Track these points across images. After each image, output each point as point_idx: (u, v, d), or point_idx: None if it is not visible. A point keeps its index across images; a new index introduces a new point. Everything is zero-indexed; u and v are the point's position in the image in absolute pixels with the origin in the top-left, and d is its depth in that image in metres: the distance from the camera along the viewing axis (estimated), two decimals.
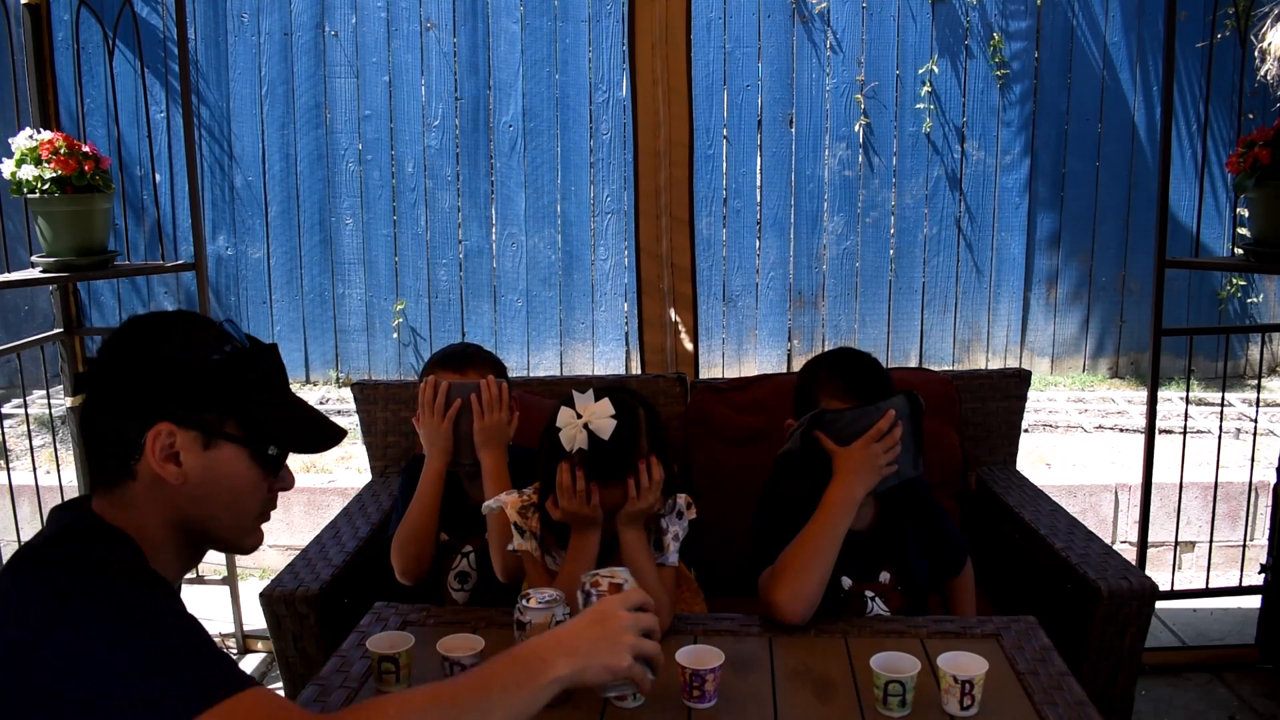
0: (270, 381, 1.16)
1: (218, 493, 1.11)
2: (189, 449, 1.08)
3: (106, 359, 1.11)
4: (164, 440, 1.07)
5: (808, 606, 1.59)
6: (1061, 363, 5.27)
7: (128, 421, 1.08)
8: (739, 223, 5.07)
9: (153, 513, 1.09)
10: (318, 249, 5.11)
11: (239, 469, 1.12)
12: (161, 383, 1.08)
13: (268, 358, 1.16)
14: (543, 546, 1.66)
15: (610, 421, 1.49)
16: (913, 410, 1.70)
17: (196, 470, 1.09)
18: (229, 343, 1.12)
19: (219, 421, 1.10)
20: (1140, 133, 5.02)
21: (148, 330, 1.12)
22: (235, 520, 1.15)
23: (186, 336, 1.11)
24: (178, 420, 1.08)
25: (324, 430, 1.20)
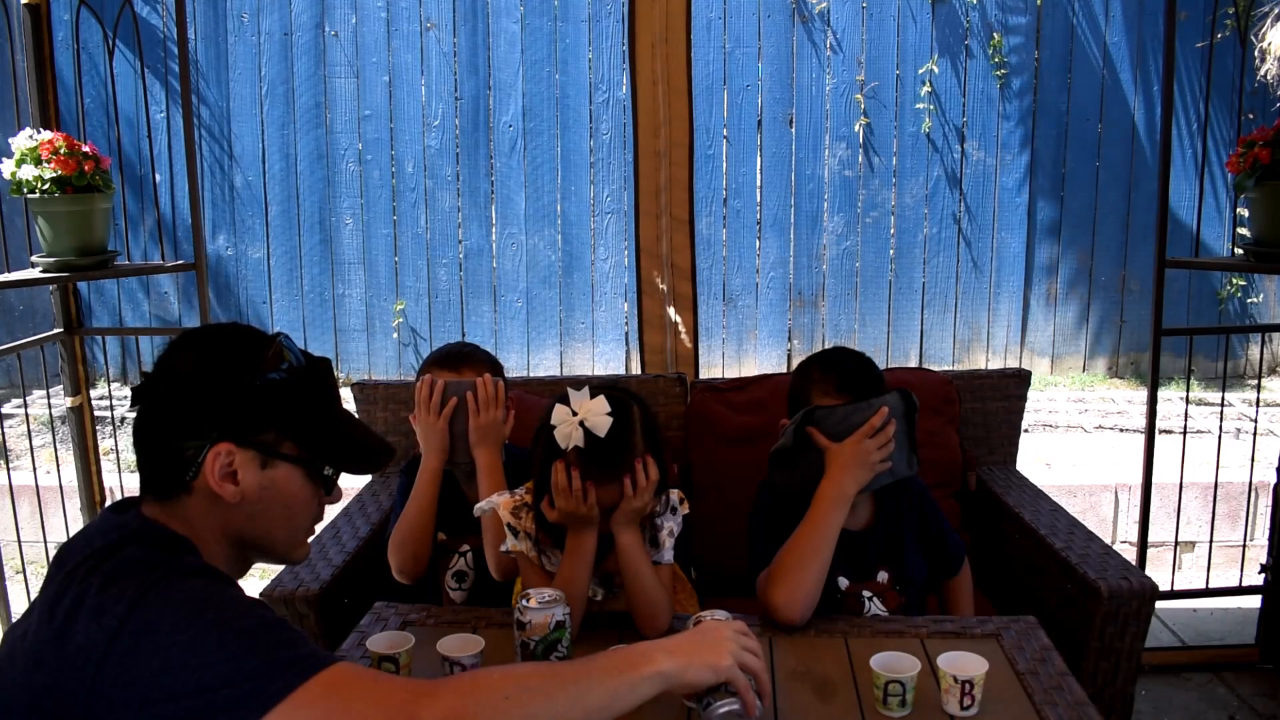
0: (324, 399, 1.19)
1: (272, 510, 1.13)
2: (247, 468, 1.09)
3: (165, 374, 1.11)
4: (223, 460, 1.08)
5: (806, 606, 1.59)
6: (1061, 362, 5.27)
7: (187, 439, 1.08)
8: (739, 223, 5.07)
9: (207, 525, 1.10)
10: (318, 249, 5.11)
11: (294, 488, 1.14)
12: (223, 403, 1.09)
13: (323, 375, 1.19)
14: (537, 547, 1.65)
15: (606, 419, 1.49)
16: (906, 408, 1.70)
17: (253, 489, 1.10)
18: (285, 360, 1.13)
19: (277, 441, 1.12)
20: (1140, 132, 5.02)
21: (207, 347, 1.13)
22: (288, 535, 1.17)
23: (246, 355, 1.11)
24: (237, 440, 1.09)
25: (377, 449, 1.22)
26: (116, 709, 0.93)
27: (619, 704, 1.09)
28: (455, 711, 0.98)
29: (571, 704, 1.04)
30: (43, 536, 2.98)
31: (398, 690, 0.99)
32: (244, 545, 1.15)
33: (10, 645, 1.01)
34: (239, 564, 1.17)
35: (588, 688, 1.06)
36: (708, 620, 1.29)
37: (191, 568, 1.02)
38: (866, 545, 1.77)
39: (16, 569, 3.08)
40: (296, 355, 1.15)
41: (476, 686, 1.02)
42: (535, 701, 1.02)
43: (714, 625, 1.23)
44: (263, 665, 0.94)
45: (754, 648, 1.21)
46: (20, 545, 2.80)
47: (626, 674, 1.09)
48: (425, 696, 0.99)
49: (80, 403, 2.85)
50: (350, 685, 0.97)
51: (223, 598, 1.00)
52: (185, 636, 0.94)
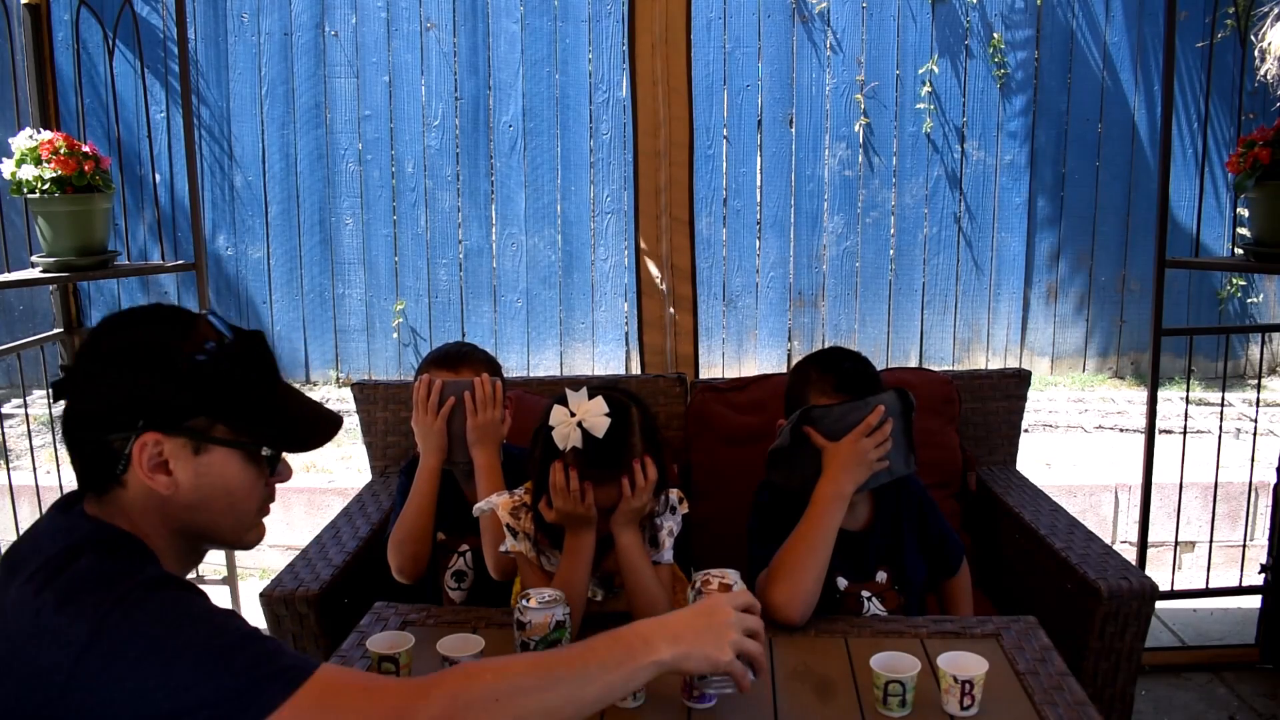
0: (259, 376, 1.11)
1: (213, 498, 1.06)
2: (178, 457, 1.03)
3: (84, 365, 1.05)
4: (151, 451, 1.02)
5: (805, 605, 1.59)
6: (1061, 363, 5.27)
7: (111, 432, 1.02)
8: (739, 223, 5.07)
9: (148, 520, 1.05)
10: (318, 249, 5.11)
11: (232, 472, 1.07)
12: (144, 391, 1.02)
13: (255, 349, 1.10)
14: (536, 547, 1.65)
15: (604, 419, 1.49)
16: (904, 407, 1.70)
17: (188, 478, 1.04)
18: (212, 339, 1.05)
19: (208, 425, 1.05)
20: (1140, 132, 5.02)
21: (125, 332, 1.06)
22: (235, 521, 1.11)
23: (167, 337, 1.04)
24: (165, 428, 1.02)
25: (320, 423, 1.14)
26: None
27: (615, 694, 1.08)
28: (447, 711, 0.97)
29: (565, 701, 1.03)
30: None
31: (388, 695, 0.97)
32: (191, 536, 1.09)
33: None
34: (190, 554, 1.12)
35: (584, 683, 1.04)
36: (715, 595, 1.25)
37: (153, 580, 0.97)
38: (865, 545, 1.77)
39: None
40: (225, 332, 1.07)
41: (469, 685, 1.00)
42: (528, 700, 1.00)
43: (718, 606, 1.18)
44: (242, 684, 0.91)
45: (755, 627, 1.18)
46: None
47: (625, 665, 1.08)
48: (417, 699, 0.97)
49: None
50: (339, 695, 0.95)
51: (193, 613, 0.95)
52: (157, 659, 0.90)
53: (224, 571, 2.92)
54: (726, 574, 1.41)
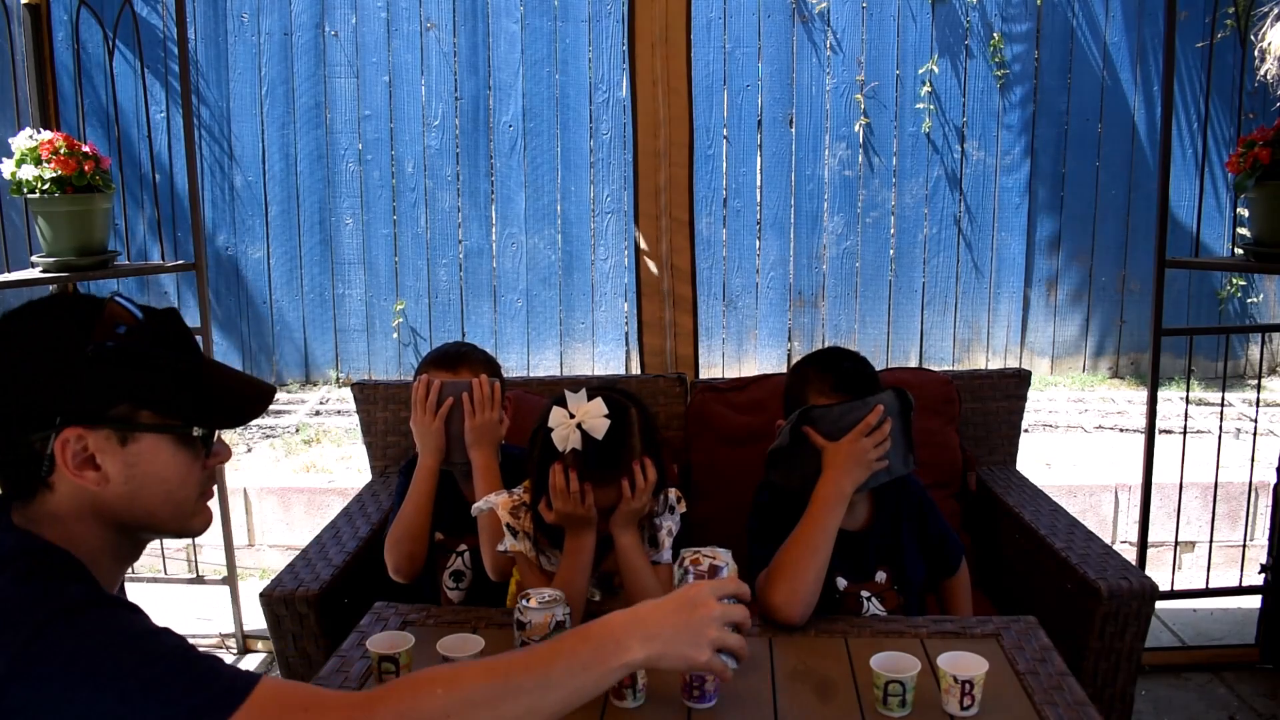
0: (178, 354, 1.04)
1: (148, 487, 1.01)
2: (105, 450, 0.98)
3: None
4: (74, 447, 0.96)
5: (805, 605, 1.59)
6: (1061, 363, 5.27)
7: (31, 432, 0.96)
8: (739, 223, 5.07)
9: (81, 522, 0.99)
10: (318, 249, 5.11)
11: (165, 458, 1.01)
12: (56, 385, 0.96)
13: (169, 327, 1.04)
14: (536, 547, 1.65)
15: (604, 421, 1.49)
16: (902, 407, 1.70)
17: (118, 471, 0.98)
18: (121, 322, 0.99)
19: (130, 413, 0.99)
20: (1140, 132, 5.02)
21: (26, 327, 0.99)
22: (174, 510, 1.05)
23: (72, 326, 0.98)
24: (85, 422, 0.97)
25: (249, 395, 1.09)
26: None
27: (582, 698, 1.01)
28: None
29: (526, 711, 0.97)
30: None
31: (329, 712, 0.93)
32: (129, 530, 1.03)
33: None
34: (129, 552, 1.07)
35: (545, 690, 0.98)
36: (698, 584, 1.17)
37: (76, 603, 0.90)
38: (865, 545, 1.77)
39: None
40: (136, 313, 1.01)
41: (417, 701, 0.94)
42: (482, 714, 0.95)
43: (699, 598, 1.11)
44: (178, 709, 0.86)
45: (739, 618, 1.12)
46: None
47: (593, 668, 1.02)
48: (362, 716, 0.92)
49: None
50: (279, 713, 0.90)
51: (120, 638, 0.89)
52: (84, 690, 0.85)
53: (224, 572, 2.92)
54: (717, 553, 1.36)
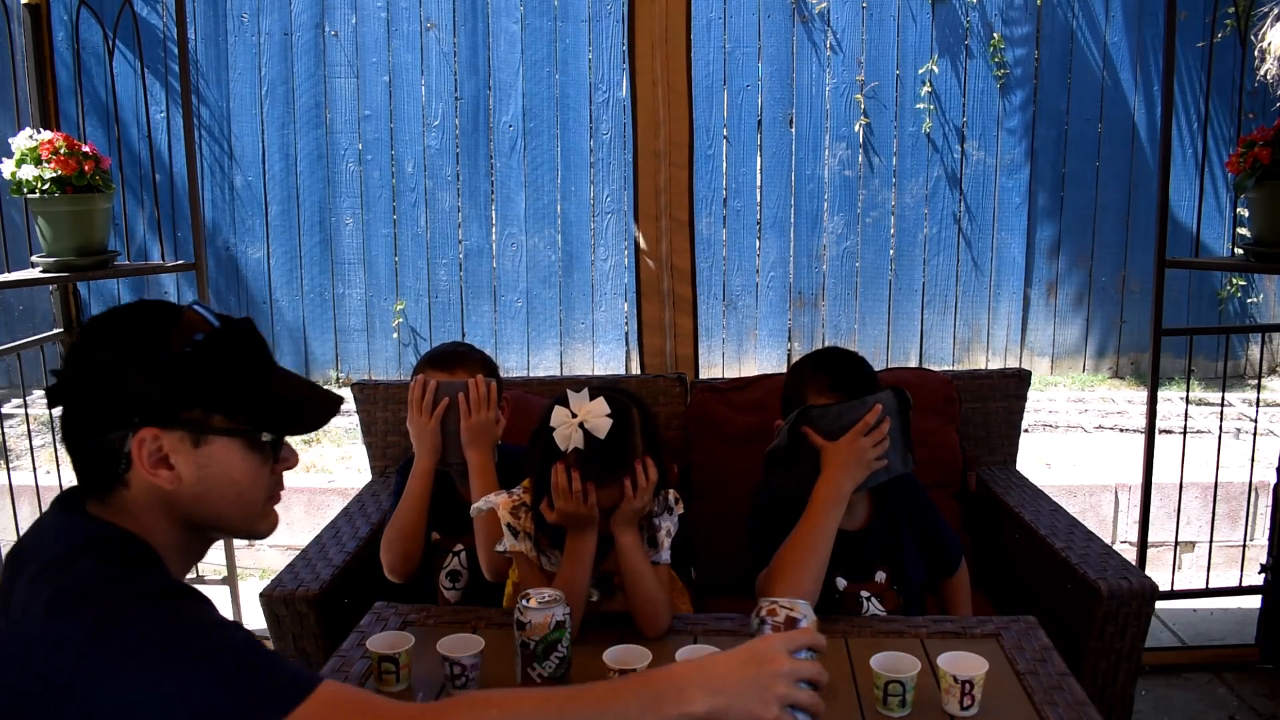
0: (250, 362, 1.09)
1: (218, 489, 1.06)
2: (178, 450, 1.03)
3: (74, 369, 1.04)
4: (150, 447, 1.02)
5: None
6: (1061, 363, 5.27)
7: (109, 432, 1.02)
8: (739, 223, 5.07)
9: (153, 517, 1.04)
10: (318, 249, 5.11)
11: (235, 461, 1.06)
12: (135, 387, 1.01)
13: (243, 336, 1.09)
14: (537, 547, 1.65)
15: (606, 420, 1.49)
16: (900, 406, 1.70)
17: (190, 471, 1.03)
18: (199, 329, 1.05)
19: (204, 416, 1.04)
20: (1140, 133, 5.02)
21: (111, 332, 1.04)
22: (242, 511, 1.10)
23: (153, 331, 1.03)
24: (161, 423, 1.02)
25: (318, 404, 1.13)
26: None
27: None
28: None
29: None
30: None
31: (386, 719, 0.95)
32: (198, 529, 1.08)
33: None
34: (198, 546, 1.11)
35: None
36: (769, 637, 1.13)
37: (155, 589, 0.95)
38: (864, 545, 1.77)
39: None
40: (212, 321, 1.06)
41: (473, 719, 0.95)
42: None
43: (769, 652, 1.06)
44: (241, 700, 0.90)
45: (812, 674, 1.07)
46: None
47: (651, 714, 0.99)
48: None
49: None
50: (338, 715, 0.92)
51: (195, 624, 0.94)
52: (157, 670, 0.89)
53: (224, 571, 2.92)
54: (795, 605, 1.30)
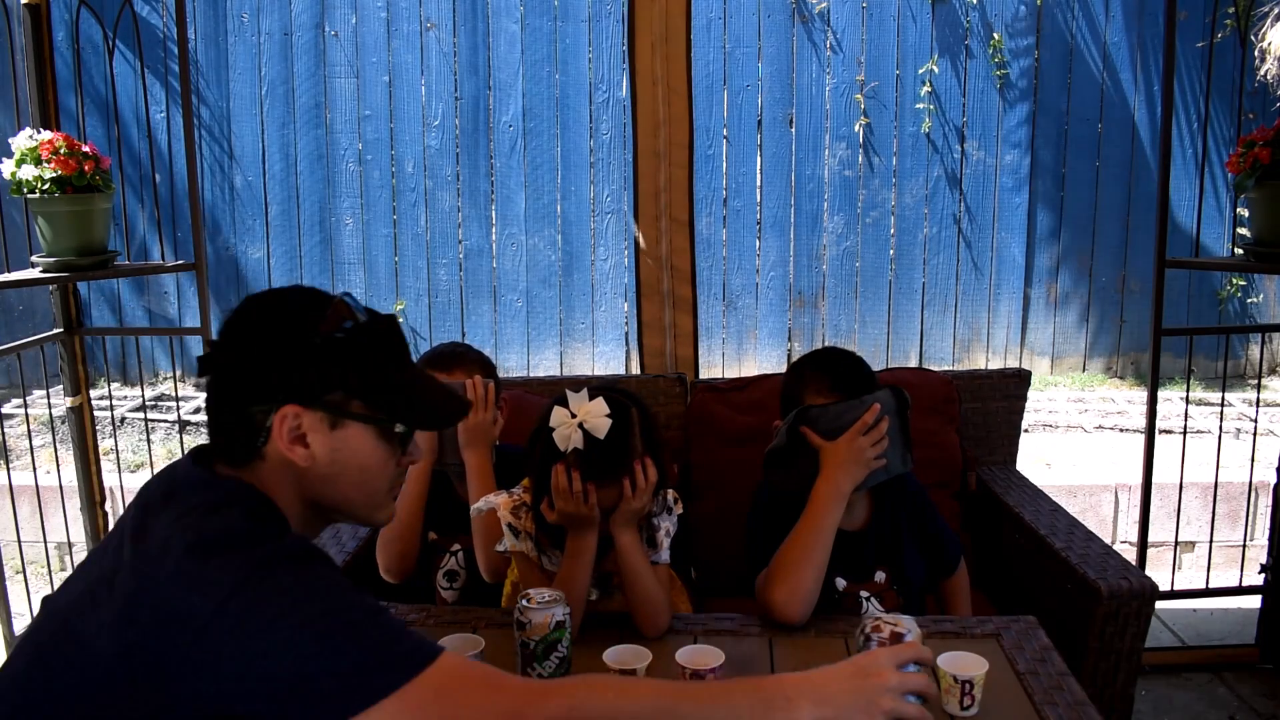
0: (393, 356, 1.15)
1: (347, 472, 1.11)
2: (316, 430, 1.08)
3: (229, 340, 1.10)
4: (291, 423, 1.07)
5: (805, 605, 1.59)
6: (1061, 363, 5.27)
7: (253, 405, 1.07)
8: (739, 223, 5.07)
9: (282, 491, 1.09)
10: (318, 249, 5.11)
11: (367, 448, 1.11)
12: (286, 365, 1.07)
13: (389, 332, 1.15)
14: (538, 547, 1.65)
15: (606, 420, 1.49)
16: (899, 405, 1.70)
17: (324, 452, 1.08)
18: (349, 318, 1.10)
19: (345, 401, 1.09)
20: (1140, 132, 5.02)
21: (268, 310, 1.11)
22: (366, 498, 1.14)
23: (307, 315, 1.09)
24: (304, 402, 1.07)
25: (449, 404, 1.19)
26: (207, 680, 0.92)
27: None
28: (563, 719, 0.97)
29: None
30: (43, 536, 2.98)
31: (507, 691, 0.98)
32: (322, 509, 1.13)
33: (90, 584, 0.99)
34: (317, 525, 1.16)
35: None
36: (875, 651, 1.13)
37: (296, 549, 1.00)
38: (864, 545, 1.77)
39: (16, 569, 3.08)
40: (360, 313, 1.12)
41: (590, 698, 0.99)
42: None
43: (875, 665, 1.07)
44: (368, 661, 0.94)
45: (918, 687, 1.07)
46: (20, 545, 2.80)
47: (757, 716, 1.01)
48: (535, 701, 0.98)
49: (80, 403, 2.85)
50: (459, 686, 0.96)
51: (329, 585, 0.98)
52: (291, 622, 0.93)
53: None
54: (900, 620, 1.30)
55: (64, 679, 0.95)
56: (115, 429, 4.38)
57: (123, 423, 4.57)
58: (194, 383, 5.17)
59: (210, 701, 0.93)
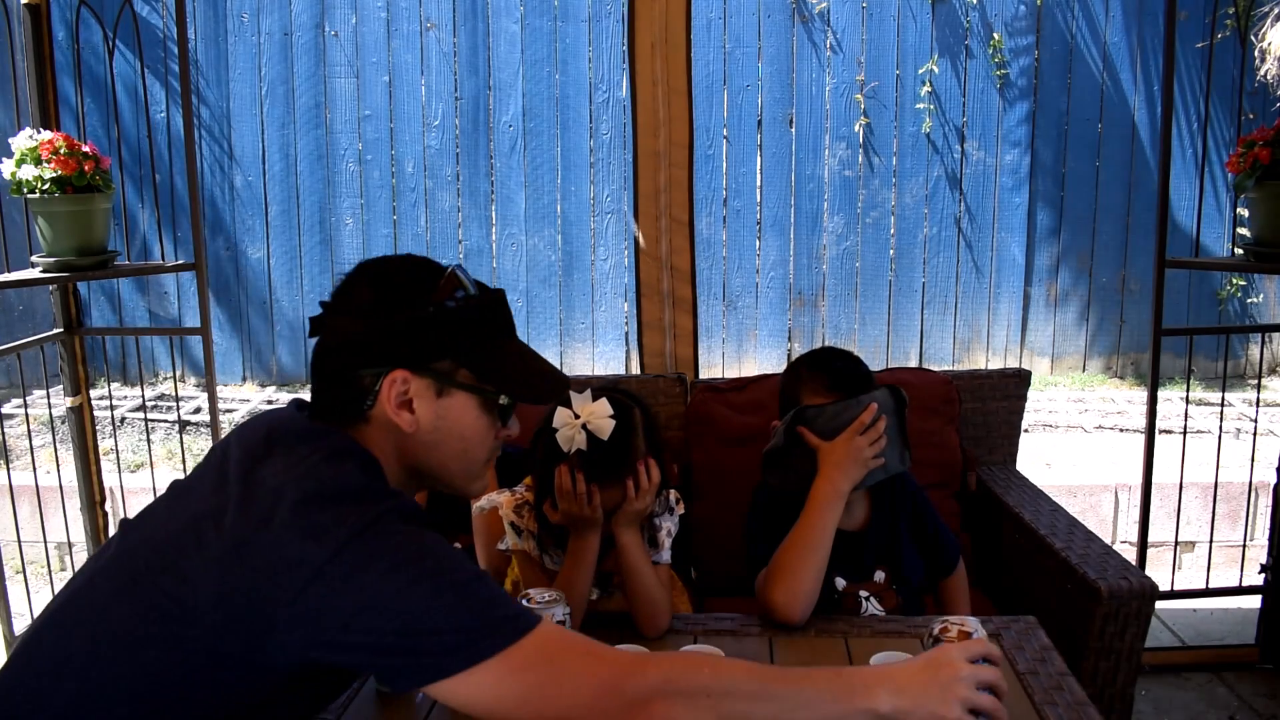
0: (500, 330, 1.17)
1: (448, 440, 1.12)
2: (422, 397, 1.10)
3: (343, 304, 1.12)
4: (399, 387, 1.08)
5: (805, 605, 1.59)
6: (1061, 363, 5.27)
7: (365, 367, 1.09)
8: (739, 223, 5.07)
9: (383, 453, 1.10)
10: (318, 249, 5.11)
11: (470, 418, 1.13)
12: (398, 330, 1.08)
13: (498, 305, 1.16)
14: (540, 546, 1.66)
15: (609, 421, 1.49)
16: (896, 404, 1.70)
17: (429, 418, 1.10)
18: (461, 288, 1.12)
19: (452, 369, 1.11)
20: (1140, 132, 5.02)
21: (384, 277, 1.12)
22: (464, 468, 1.16)
23: (420, 284, 1.11)
24: (413, 368, 1.09)
25: (553, 380, 1.20)
26: (311, 627, 0.93)
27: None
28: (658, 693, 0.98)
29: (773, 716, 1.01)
30: (43, 536, 2.98)
31: (606, 660, 1.00)
32: (419, 475, 1.15)
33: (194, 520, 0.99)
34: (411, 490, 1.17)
35: (797, 706, 1.02)
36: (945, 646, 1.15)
37: (409, 509, 1.01)
38: (863, 545, 1.77)
39: (16, 569, 3.08)
40: (470, 285, 1.13)
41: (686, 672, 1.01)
42: (739, 705, 1.00)
43: (947, 659, 1.09)
44: (475, 622, 0.95)
45: (990, 679, 1.08)
46: (20, 545, 2.80)
47: (841, 703, 1.03)
48: (633, 671, 0.99)
49: (80, 403, 2.85)
50: (561, 653, 0.98)
51: (437, 548, 0.99)
52: (404, 576, 0.94)
53: None
54: (966, 622, 1.32)
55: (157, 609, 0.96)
56: (115, 429, 4.38)
57: (123, 423, 4.57)
58: (195, 383, 5.17)
59: (306, 649, 0.94)
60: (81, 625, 0.99)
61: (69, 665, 0.97)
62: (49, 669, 0.98)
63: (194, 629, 0.95)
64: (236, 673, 0.96)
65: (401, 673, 0.95)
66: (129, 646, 0.96)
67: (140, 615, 0.96)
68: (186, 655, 0.95)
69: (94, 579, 1.02)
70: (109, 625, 0.98)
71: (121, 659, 0.96)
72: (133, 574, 0.99)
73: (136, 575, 0.99)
